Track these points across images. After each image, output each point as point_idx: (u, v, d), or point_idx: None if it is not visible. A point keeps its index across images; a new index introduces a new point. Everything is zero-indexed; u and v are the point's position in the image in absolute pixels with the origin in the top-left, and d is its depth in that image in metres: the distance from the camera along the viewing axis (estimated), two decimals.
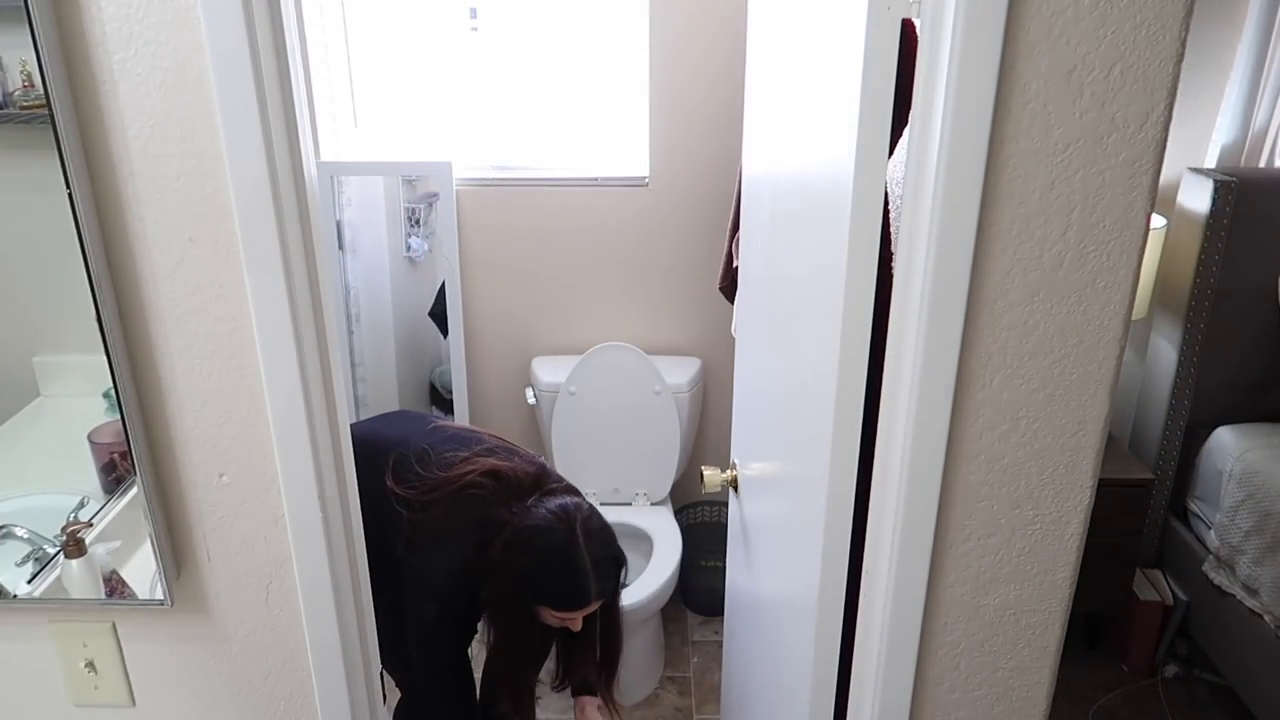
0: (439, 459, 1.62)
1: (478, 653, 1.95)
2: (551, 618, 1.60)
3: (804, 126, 1.14)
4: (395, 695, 1.96)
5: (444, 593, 1.60)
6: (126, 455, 0.97)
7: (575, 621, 1.61)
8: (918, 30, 0.83)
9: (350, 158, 2.62)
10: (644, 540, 2.46)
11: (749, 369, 1.56)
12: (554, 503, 1.58)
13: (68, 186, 0.86)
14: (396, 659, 1.71)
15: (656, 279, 2.62)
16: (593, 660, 1.79)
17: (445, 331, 2.64)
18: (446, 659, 1.66)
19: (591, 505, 1.64)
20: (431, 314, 2.67)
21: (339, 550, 1.04)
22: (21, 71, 0.87)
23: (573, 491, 1.66)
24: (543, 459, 1.73)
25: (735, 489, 1.61)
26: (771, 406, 1.36)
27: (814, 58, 1.10)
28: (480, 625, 1.72)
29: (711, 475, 1.59)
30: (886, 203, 0.90)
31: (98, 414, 0.99)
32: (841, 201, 0.93)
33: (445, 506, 1.58)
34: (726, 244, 2.18)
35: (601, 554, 1.58)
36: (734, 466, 1.62)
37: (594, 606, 1.60)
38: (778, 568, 1.33)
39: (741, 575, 1.64)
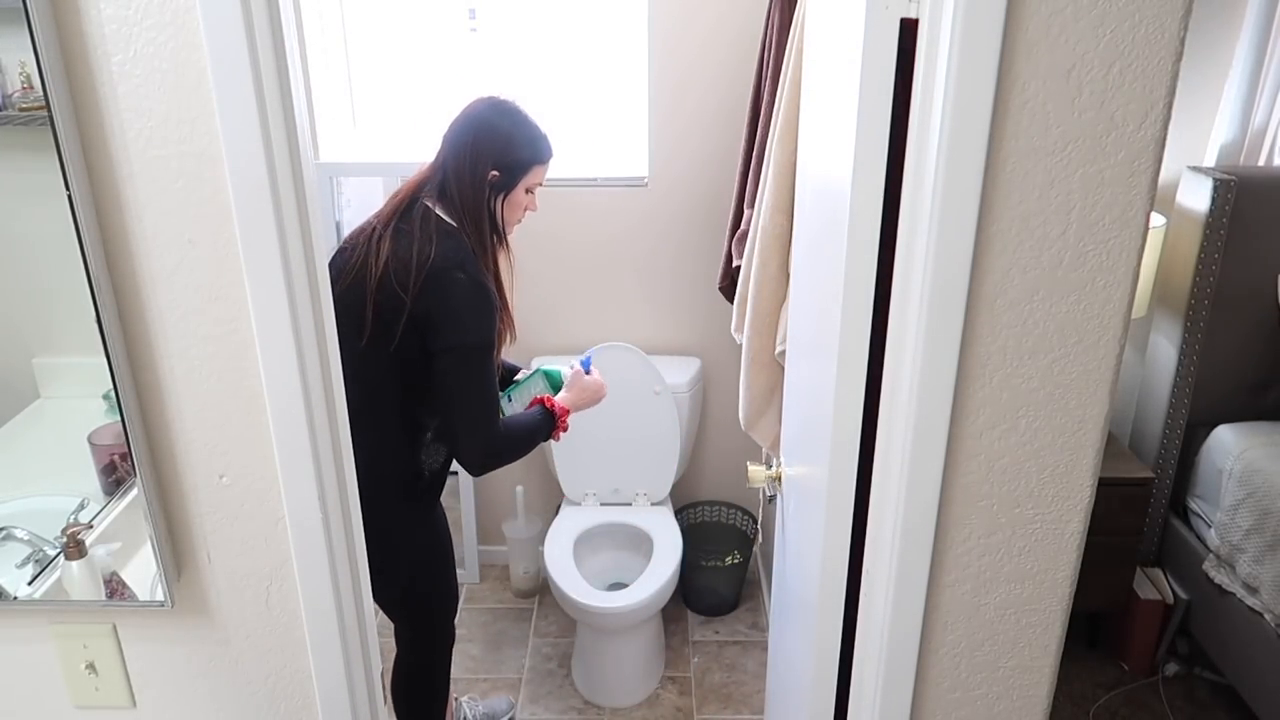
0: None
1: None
2: (527, 199, 1.67)
3: (822, 132, 1.14)
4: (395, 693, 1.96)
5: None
6: (126, 457, 0.97)
7: (535, 201, 1.69)
8: (918, 29, 0.83)
9: (349, 158, 2.62)
10: (644, 540, 2.46)
11: (791, 372, 1.56)
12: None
13: (67, 188, 0.86)
14: (392, 589, 1.73)
15: (656, 279, 2.62)
16: None
17: None
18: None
19: None
20: None
21: (339, 551, 1.04)
22: (20, 74, 0.87)
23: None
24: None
25: (780, 487, 1.60)
26: (797, 407, 1.37)
27: (826, 62, 1.10)
28: None
29: (755, 471, 1.58)
30: (893, 205, 0.90)
31: (98, 416, 0.99)
32: (841, 199, 0.93)
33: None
34: (726, 244, 2.18)
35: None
36: (780, 465, 1.62)
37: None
38: (790, 565, 1.34)
39: (777, 573, 1.66)
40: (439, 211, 1.62)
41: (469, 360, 1.56)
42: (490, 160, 1.60)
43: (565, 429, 1.77)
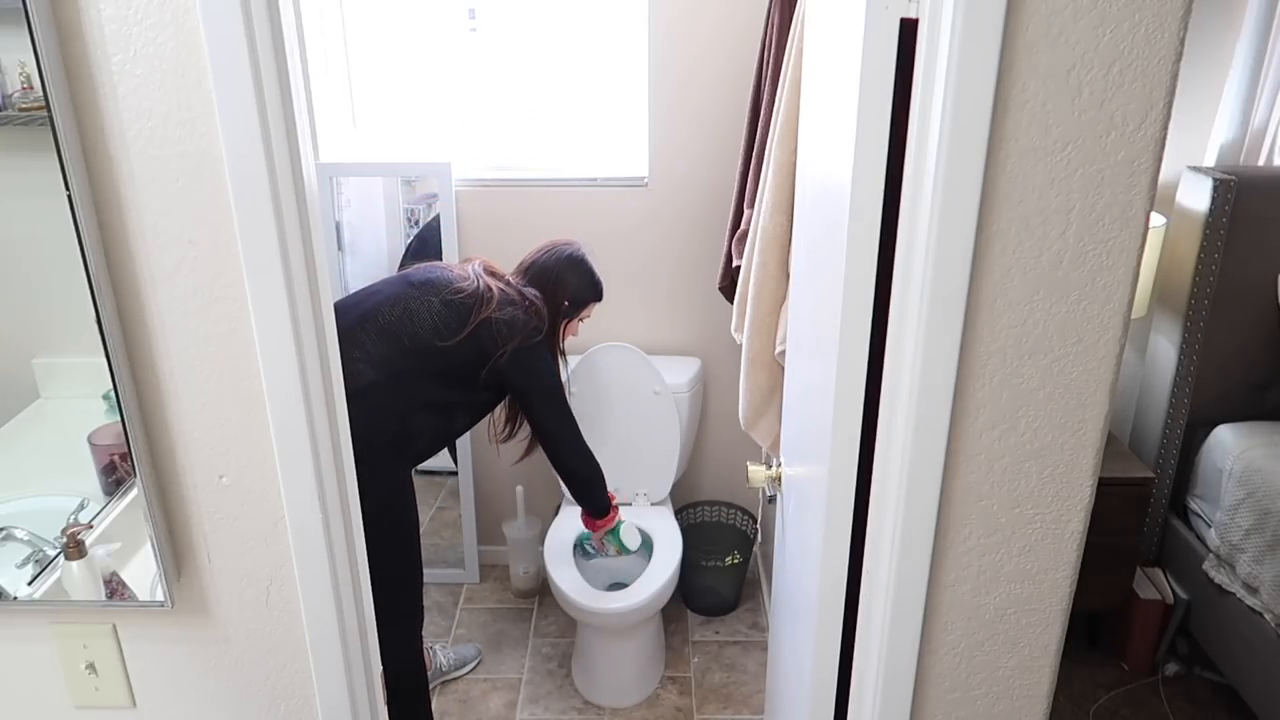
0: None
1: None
2: (577, 325, 2.24)
3: (822, 132, 1.14)
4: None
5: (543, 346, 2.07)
6: (126, 457, 0.97)
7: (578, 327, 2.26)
8: (918, 29, 0.83)
9: (349, 159, 2.62)
10: (644, 540, 2.46)
11: (791, 372, 1.56)
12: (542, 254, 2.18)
13: (67, 188, 0.86)
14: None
15: (656, 279, 2.62)
16: None
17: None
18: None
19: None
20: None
21: (339, 551, 1.04)
22: (20, 74, 0.87)
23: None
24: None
25: (780, 487, 1.60)
26: (797, 407, 1.37)
27: (826, 62, 1.10)
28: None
29: (755, 471, 1.58)
30: (893, 206, 0.90)
31: (98, 416, 0.99)
32: (841, 199, 0.93)
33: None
34: (726, 244, 2.18)
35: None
36: (780, 465, 1.61)
37: None
38: (790, 566, 1.34)
39: (777, 573, 1.66)
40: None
41: (554, 397, 2.08)
42: (565, 295, 2.15)
43: (608, 524, 2.31)
